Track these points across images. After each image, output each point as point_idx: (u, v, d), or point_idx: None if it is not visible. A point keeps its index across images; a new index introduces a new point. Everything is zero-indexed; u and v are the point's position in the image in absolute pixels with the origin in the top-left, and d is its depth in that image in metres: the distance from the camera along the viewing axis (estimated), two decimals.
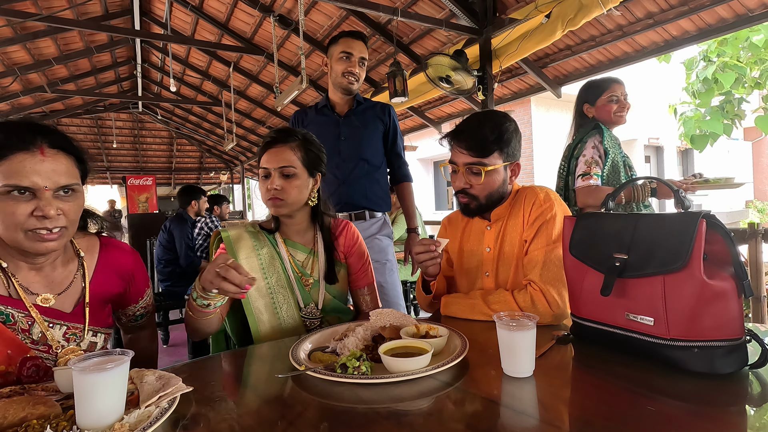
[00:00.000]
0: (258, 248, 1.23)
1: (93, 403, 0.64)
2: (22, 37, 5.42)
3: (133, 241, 5.87)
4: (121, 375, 0.67)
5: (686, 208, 0.86)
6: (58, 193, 0.84)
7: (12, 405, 0.65)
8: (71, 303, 0.92)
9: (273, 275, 1.22)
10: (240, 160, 12.02)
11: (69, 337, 0.89)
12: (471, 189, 1.21)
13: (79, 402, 0.64)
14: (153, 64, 7.94)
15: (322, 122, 1.97)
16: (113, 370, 0.65)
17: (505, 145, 1.18)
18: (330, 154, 1.89)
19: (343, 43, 1.91)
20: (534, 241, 1.16)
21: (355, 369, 0.79)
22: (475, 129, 1.18)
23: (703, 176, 1.93)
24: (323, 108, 2.01)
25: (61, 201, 0.84)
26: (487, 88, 3.54)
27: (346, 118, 1.97)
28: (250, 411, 0.72)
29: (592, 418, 0.63)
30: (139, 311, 1.10)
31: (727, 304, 0.74)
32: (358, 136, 1.94)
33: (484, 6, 3.44)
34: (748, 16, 2.91)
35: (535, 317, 0.81)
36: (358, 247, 1.36)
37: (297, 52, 5.14)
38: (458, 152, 1.20)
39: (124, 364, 0.67)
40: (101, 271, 0.98)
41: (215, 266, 0.92)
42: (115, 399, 0.66)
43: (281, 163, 1.20)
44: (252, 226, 1.29)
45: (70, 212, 0.86)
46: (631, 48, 3.64)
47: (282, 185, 1.19)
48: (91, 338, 0.93)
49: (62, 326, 0.88)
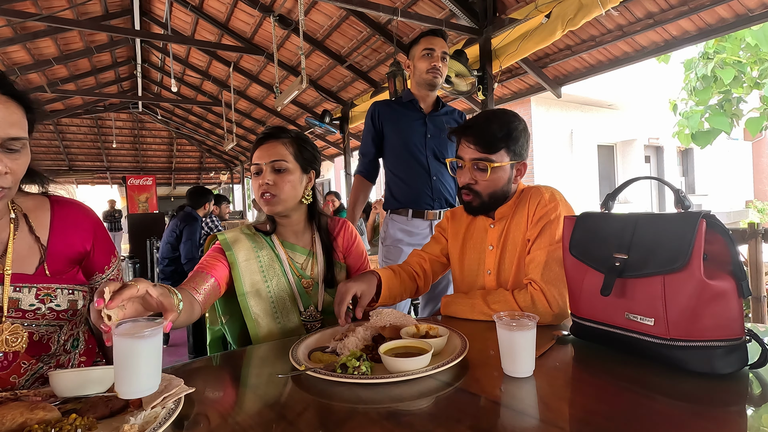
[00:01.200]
0: (257, 250, 1.21)
1: (134, 369, 0.65)
2: (22, 37, 5.43)
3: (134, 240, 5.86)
4: (159, 339, 0.68)
5: (686, 208, 0.86)
6: (6, 147, 0.74)
7: (9, 411, 0.63)
8: (32, 264, 0.84)
9: (273, 278, 1.19)
10: (240, 160, 12.02)
11: (43, 297, 0.82)
12: (475, 185, 1.20)
13: (123, 369, 0.65)
14: (153, 64, 7.94)
15: (408, 116, 2.00)
16: (152, 335, 0.66)
17: (513, 143, 1.18)
18: (418, 149, 1.97)
19: (425, 42, 1.93)
20: (537, 240, 1.15)
21: (355, 369, 0.79)
22: (484, 125, 1.18)
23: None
24: (409, 103, 2.02)
25: (9, 157, 0.74)
26: (487, 88, 3.54)
27: (431, 117, 2.00)
28: (251, 411, 0.72)
29: (592, 418, 0.63)
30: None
31: (727, 304, 0.74)
32: (441, 137, 1.98)
33: (484, 6, 3.44)
34: (748, 16, 2.91)
35: (535, 317, 0.81)
36: (356, 246, 1.35)
37: (297, 52, 5.14)
38: (465, 147, 1.19)
39: (159, 328, 0.68)
40: (58, 228, 0.89)
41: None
42: (154, 365, 0.67)
43: (273, 157, 1.17)
44: (248, 228, 1.26)
45: (18, 171, 0.76)
46: (631, 48, 3.64)
47: (274, 180, 1.15)
48: (69, 296, 0.86)
49: (31, 288, 0.82)
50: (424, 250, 1.40)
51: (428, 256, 1.38)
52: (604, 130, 9.61)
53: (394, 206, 2.01)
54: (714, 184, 12.21)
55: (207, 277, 1.10)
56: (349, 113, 5.91)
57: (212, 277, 1.11)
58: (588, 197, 8.82)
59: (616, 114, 9.85)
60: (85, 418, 0.65)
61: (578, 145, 8.84)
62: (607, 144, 10.02)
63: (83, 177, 12.04)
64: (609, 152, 10.25)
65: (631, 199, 9.70)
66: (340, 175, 13.05)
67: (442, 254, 1.39)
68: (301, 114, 7.19)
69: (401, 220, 1.98)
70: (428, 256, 1.38)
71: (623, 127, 9.97)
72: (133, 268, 3.09)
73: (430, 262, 1.37)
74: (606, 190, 9.06)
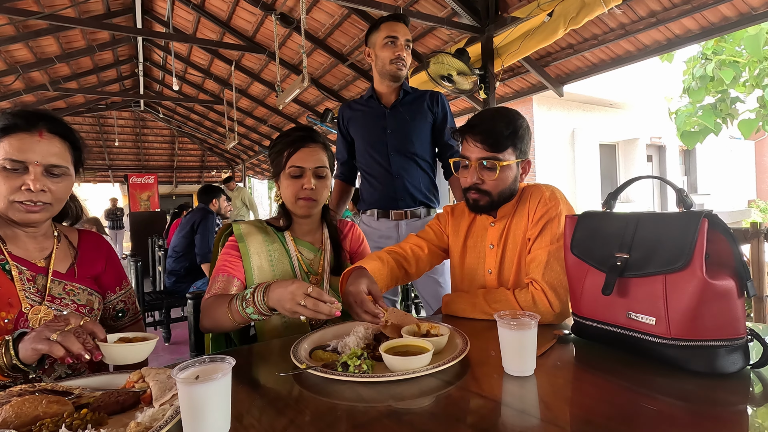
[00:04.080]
0: (268, 244, 1.23)
1: (203, 415, 0.61)
2: (25, 35, 5.43)
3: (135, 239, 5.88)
4: (227, 383, 0.64)
5: (688, 207, 0.86)
6: (48, 172, 0.95)
7: (25, 404, 0.65)
8: (65, 266, 1.07)
9: (281, 273, 1.21)
10: (241, 159, 12.02)
11: (68, 291, 1.03)
12: (483, 185, 1.18)
13: (191, 415, 0.61)
14: (155, 62, 7.94)
15: (368, 114, 1.91)
16: (221, 380, 0.62)
17: (519, 141, 1.17)
18: (378, 147, 1.86)
19: (387, 28, 1.80)
20: (538, 239, 1.15)
21: (356, 367, 0.79)
22: (490, 123, 1.16)
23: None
24: (369, 99, 1.93)
25: (49, 180, 0.95)
26: (489, 86, 3.53)
27: (393, 110, 1.87)
28: (252, 409, 0.72)
29: (592, 417, 0.63)
30: (119, 304, 1.15)
31: (729, 304, 0.74)
32: (405, 129, 1.84)
33: (486, 4, 3.43)
34: (752, 15, 2.90)
35: (537, 316, 0.81)
36: (362, 249, 1.39)
37: (298, 50, 5.13)
38: (471, 146, 1.17)
39: (228, 374, 0.64)
40: (84, 250, 1.12)
41: (296, 296, 0.89)
42: (224, 409, 0.63)
43: (317, 163, 1.19)
44: (260, 222, 1.29)
45: (57, 192, 0.97)
46: (634, 47, 3.63)
47: (316, 185, 1.19)
48: (87, 296, 1.05)
49: (61, 282, 1.02)
50: (422, 237, 1.36)
51: (426, 244, 1.34)
52: (606, 129, 9.59)
53: (362, 207, 1.98)
54: (716, 183, 12.18)
55: (234, 281, 1.16)
56: None
57: (237, 279, 1.17)
58: (590, 196, 8.80)
59: (619, 113, 9.83)
60: (96, 414, 0.66)
61: (580, 144, 8.82)
62: (609, 143, 10.00)
63: (85, 175, 12.04)
64: (611, 151, 10.23)
65: (633, 199, 9.69)
66: None
67: (441, 245, 1.36)
68: (302, 112, 7.19)
69: (368, 221, 1.94)
70: (426, 243, 1.34)
71: (625, 126, 9.95)
72: (135, 266, 3.10)
73: (428, 249, 1.33)
74: (608, 189, 9.05)
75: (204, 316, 1.11)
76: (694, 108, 6.47)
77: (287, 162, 1.19)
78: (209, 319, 1.09)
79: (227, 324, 1.04)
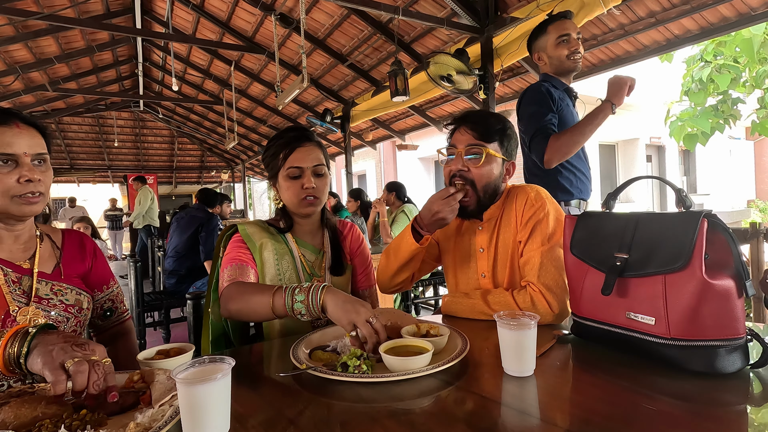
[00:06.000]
0: (273, 243, 1.23)
1: (203, 416, 0.61)
2: (24, 35, 5.43)
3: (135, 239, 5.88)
4: (227, 384, 0.64)
5: (687, 207, 0.86)
6: (35, 162, 0.96)
7: (24, 405, 0.65)
8: (50, 266, 1.06)
9: (285, 272, 1.22)
10: (241, 159, 12.01)
11: (56, 291, 1.02)
12: (468, 173, 1.18)
13: (191, 415, 0.61)
14: (154, 62, 7.94)
15: (570, 106, 1.91)
16: (221, 380, 0.62)
17: (506, 140, 1.21)
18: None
19: (556, 29, 1.82)
20: (529, 242, 1.15)
21: (355, 368, 0.79)
22: (481, 115, 1.23)
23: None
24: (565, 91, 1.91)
25: (38, 170, 0.97)
26: (489, 87, 3.53)
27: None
28: (251, 410, 0.72)
29: (592, 417, 0.63)
30: (106, 303, 1.16)
31: (729, 304, 0.74)
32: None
33: (485, 5, 3.43)
34: (751, 15, 2.90)
35: (536, 316, 0.81)
36: (362, 250, 1.39)
37: (298, 50, 5.13)
38: (460, 135, 1.21)
39: (228, 374, 0.64)
40: (68, 249, 1.12)
41: (364, 315, 0.88)
42: (223, 410, 0.63)
43: (315, 161, 1.20)
44: (262, 223, 1.29)
45: (46, 180, 0.99)
46: (633, 47, 3.63)
47: (317, 183, 1.20)
48: (76, 295, 1.05)
49: (48, 282, 1.02)
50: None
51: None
52: (606, 129, 9.48)
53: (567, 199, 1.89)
54: (716, 183, 12.18)
55: (248, 269, 1.16)
56: (350, 112, 5.90)
57: (251, 268, 1.17)
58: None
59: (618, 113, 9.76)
60: (95, 414, 0.66)
61: None
62: (608, 143, 10.01)
63: (84, 176, 12.05)
64: (610, 151, 10.24)
65: (632, 199, 9.69)
66: (341, 174, 13.06)
67: (432, 253, 1.37)
68: (302, 113, 7.19)
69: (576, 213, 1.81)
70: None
71: (625, 126, 9.95)
72: (134, 267, 3.10)
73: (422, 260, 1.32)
74: (607, 189, 9.05)
75: (232, 299, 1.05)
76: (695, 111, 6.47)
77: (284, 163, 1.20)
78: (241, 302, 1.03)
79: (263, 311, 1.00)
